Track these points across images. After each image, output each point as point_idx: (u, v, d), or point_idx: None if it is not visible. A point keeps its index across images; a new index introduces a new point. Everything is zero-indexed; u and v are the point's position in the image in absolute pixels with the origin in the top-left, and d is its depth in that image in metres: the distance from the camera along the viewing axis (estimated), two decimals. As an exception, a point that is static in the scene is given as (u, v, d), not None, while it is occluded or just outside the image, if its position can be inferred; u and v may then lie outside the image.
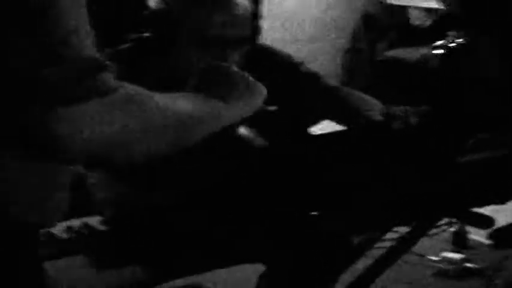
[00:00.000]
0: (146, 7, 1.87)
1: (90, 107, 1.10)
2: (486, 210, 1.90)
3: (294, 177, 1.64)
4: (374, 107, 2.02)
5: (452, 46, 3.24)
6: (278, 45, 2.10)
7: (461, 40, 3.18)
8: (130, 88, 1.19)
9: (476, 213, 1.90)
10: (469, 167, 1.79)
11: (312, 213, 1.59)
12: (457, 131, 1.85)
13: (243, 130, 2.10)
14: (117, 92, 1.15)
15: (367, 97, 2.09)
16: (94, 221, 1.67)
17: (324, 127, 2.13)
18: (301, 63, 2.12)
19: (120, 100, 1.16)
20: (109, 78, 1.15)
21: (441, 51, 3.42)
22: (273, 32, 2.16)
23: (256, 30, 1.93)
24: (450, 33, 3.31)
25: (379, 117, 1.94)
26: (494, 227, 2.05)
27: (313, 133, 2.19)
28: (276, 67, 2.08)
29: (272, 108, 2.08)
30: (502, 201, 1.95)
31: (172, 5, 1.87)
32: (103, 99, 1.12)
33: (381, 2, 4.85)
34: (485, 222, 1.89)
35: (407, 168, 1.72)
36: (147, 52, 1.90)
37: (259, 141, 2.10)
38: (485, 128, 1.94)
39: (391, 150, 1.74)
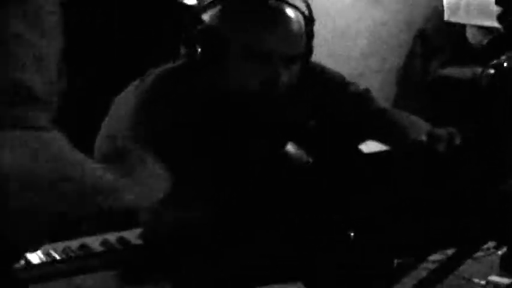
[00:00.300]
0: (200, 22, 1.89)
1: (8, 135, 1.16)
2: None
3: (338, 195, 1.62)
4: (420, 128, 2.01)
5: (506, 66, 3.04)
6: (330, 61, 2.11)
7: None
8: (55, 135, 1.23)
9: None
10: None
11: (354, 233, 1.58)
12: (504, 155, 1.83)
13: (289, 147, 2.08)
14: (40, 132, 1.19)
15: (415, 118, 2.08)
16: (130, 235, 1.67)
17: (370, 147, 2.11)
18: (352, 83, 2.12)
19: (35, 139, 1.19)
20: (41, 117, 1.18)
21: (493, 71, 3.19)
22: (325, 47, 2.16)
23: (309, 48, 1.94)
24: (507, 53, 3.21)
25: (424, 139, 1.92)
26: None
27: (360, 151, 2.18)
28: (326, 86, 2.08)
29: (316, 124, 2.10)
30: None
31: (225, 21, 1.89)
32: (22, 133, 1.15)
33: (439, 20, 4.78)
34: None
35: (452, 190, 1.69)
36: (199, 67, 1.91)
37: (306, 158, 2.10)
38: None
39: (435, 173, 1.72)
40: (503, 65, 3.06)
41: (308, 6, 1.95)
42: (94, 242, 1.63)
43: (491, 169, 1.78)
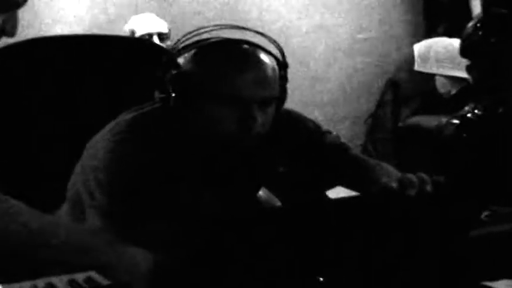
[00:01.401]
0: (175, 66, 1.89)
1: None
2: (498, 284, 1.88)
3: (306, 240, 1.62)
4: (391, 174, 2.00)
5: (469, 116, 3.14)
6: (300, 106, 2.12)
7: (477, 112, 3.10)
8: (9, 204, 1.39)
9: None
10: (482, 240, 1.77)
11: (321, 278, 1.58)
12: (471, 202, 1.84)
13: (261, 192, 2.11)
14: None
15: (385, 165, 2.08)
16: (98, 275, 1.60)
17: (337, 192, 2.12)
18: (328, 132, 2.13)
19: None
20: None
21: (457, 120, 3.31)
22: (298, 94, 2.20)
23: (283, 91, 1.94)
24: (470, 104, 3.21)
25: (395, 185, 1.91)
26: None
27: (328, 197, 2.21)
28: (302, 134, 2.09)
29: (286, 170, 2.13)
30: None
31: (199, 66, 1.90)
32: None
33: (409, 69, 4.83)
34: None
35: (420, 237, 1.69)
36: (174, 112, 1.91)
37: (276, 202, 2.15)
38: (501, 201, 1.93)
39: (405, 218, 1.73)
40: (467, 115, 3.14)
41: (281, 51, 1.96)
42: (61, 281, 1.56)
43: (460, 217, 1.77)
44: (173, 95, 1.91)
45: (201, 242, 1.62)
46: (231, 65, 1.90)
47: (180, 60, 1.94)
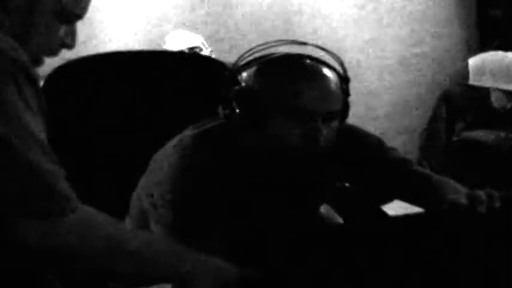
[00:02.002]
0: (237, 83, 1.92)
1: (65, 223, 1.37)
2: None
3: (365, 256, 1.63)
4: (459, 190, 2.00)
5: None
6: (355, 120, 2.15)
7: None
8: (85, 209, 1.42)
9: None
10: None
11: None
12: None
13: (323, 208, 2.13)
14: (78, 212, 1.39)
15: (452, 181, 2.07)
16: None
17: (395, 207, 2.16)
18: (391, 148, 2.14)
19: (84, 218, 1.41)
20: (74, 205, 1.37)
21: None
22: (352, 109, 2.22)
23: (345, 105, 1.96)
24: None
25: (464, 201, 1.92)
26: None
27: (386, 214, 2.22)
28: (363, 149, 2.10)
29: (348, 185, 2.15)
30: None
31: (263, 82, 1.91)
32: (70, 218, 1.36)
33: (463, 83, 4.78)
34: None
35: (492, 252, 1.70)
36: (238, 127, 1.92)
37: (337, 218, 2.16)
38: None
39: (477, 235, 1.73)
40: None
41: (342, 65, 1.98)
42: None
43: None
44: (237, 111, 1.93)
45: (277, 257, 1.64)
46: (296, 80, 1.93)
47: (243, 77, 1.96)
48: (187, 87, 2.28)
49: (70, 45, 1.62)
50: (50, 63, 1.86)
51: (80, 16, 1.63)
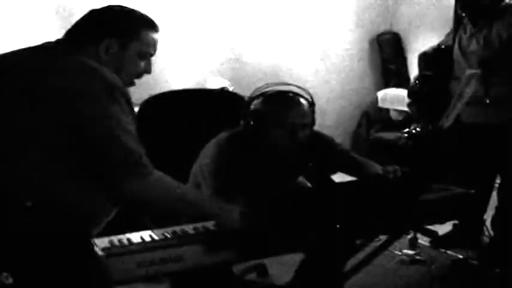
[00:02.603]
0: (250, 106, 2.02)
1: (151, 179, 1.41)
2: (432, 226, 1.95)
3: (325, 206, 1.71)
4: (377, 167, 2.10)
5: (413, 132, 3.51)
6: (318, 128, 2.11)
7: (418, 129, 3.46)
8: (158, 173, 1.46)
9: (426, 228, 1.97)
10: (427, 201, 1.87)
11: (337, 225, 1.65)
12: (421, 181, 1.92)
13: (300, 178, 2.21)
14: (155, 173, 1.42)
15: (372, 162, 2.16)
16: (208, 224, 1.67)
17: (338, 177, 2.24)
18: (338, 144, 2.20)
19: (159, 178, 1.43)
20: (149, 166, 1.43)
21: (406, 135, 3.72)
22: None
23: (313, 119, 2.03)
24: (412, 125, 3.55)
25: (381, 173, 2.06)
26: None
27: (333, 181, 2.26)
28: (324, 145, 2.18)
29: (313, 165, 2.16)
30: (442, 222, 2.06)
31: (265, 106, 2.04)
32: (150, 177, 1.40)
33: (375, 106, 5.31)
34: (431, 233, 1.97)
35: (394, 201, 1.80)
36: (251, 132, 2.03)
37: (307, 185, 2.21)
38: (438, 181, 1.99)
39: (387, 191, 1.84)
40: (412, 131, 3.54)
41: (310, 96, 2.05)
42: (188, 227, 1.66)
43: (415, 189, 1.88)
44: (251, 123, 2.02)
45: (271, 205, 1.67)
46: (284, 105, 2.00)
47: (253, 103, 2.06)
48: (224, 108, 2.37)
49: (149, 72, 1.67)
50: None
51: (152, 55, 1.67)
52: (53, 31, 3.86)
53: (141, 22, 1.60)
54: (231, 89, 4.47)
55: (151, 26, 1.62)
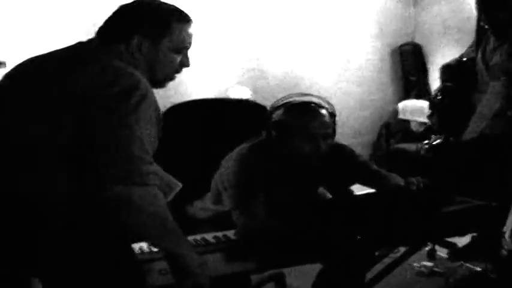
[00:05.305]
0: (272, 117, 2.03)
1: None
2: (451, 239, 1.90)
3: (345, 216, 1.72)
4: (399, 179, 2.09)
5: (434, 143, 3.53)
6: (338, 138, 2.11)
7: (438, 140, 3.48)
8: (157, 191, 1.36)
9: (446, 241, 1.98)
10: (447, 213, 1.88)
11: (358, 237, 1.65)
12: (444, 194, 1.94)
13: (321, 189, 2.21)
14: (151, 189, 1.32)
15: (394, 174, 2.15)
16: (229, 233, 1.73)
17: (358, 187, 2.26)
18: (359, 155, 2.21)
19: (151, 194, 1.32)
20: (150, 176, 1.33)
21: (426, 146, 3.71)
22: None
23: (334, 130, 2.04)
24: (433, 136, 3.57)
25: (403, 184, 2.05)
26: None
27: (356, 191, 2.27)
28: (346, 156, 2.19)
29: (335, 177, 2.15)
30: (462, 234, 2.07)
31: (287, 116, 2.05)
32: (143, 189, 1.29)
33: (395, 117, 5.24)
34: (450, 245, 1.99)
35: (415, 213, 1.83)
36: (273, 142, 2.03)
37: (326, 195, 2.23)
38: (459, 194, 2.00)
39: (410, 202, 1.86)
40: (432, 143, 3.55)
41: (331, 106, 2.07)
42: (209, 236, 1.70)
43: (436, 201, 1.88)
44: (273, 133, 2.03)
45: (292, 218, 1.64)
46: (306, 116, 2.00)
47: (275, 114, 2.08)
48: (246, 118, 2.41)
49: (187, 65, 1.56)
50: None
51: (188, 48, 1.55)
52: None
53: (171, 15, 1.51)
54: (252, 98, 4.58)
55: (183, 18, 1.53)
